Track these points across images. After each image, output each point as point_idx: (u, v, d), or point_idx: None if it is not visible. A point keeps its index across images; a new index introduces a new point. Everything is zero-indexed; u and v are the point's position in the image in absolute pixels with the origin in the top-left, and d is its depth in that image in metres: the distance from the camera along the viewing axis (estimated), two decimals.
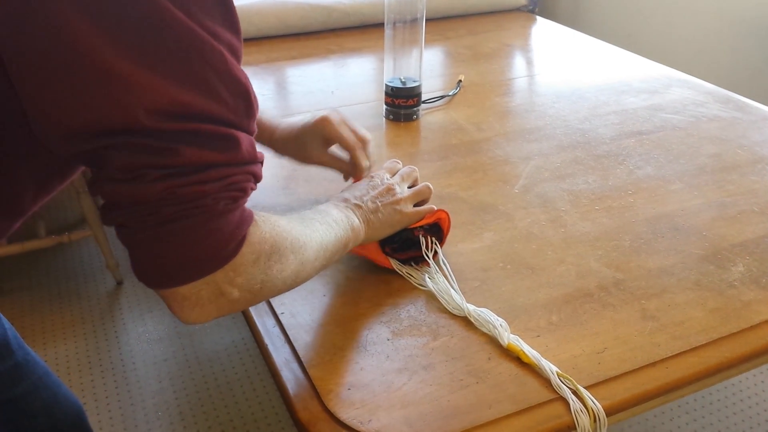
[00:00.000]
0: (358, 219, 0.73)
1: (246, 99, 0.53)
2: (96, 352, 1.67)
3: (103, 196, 0.52)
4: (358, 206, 0.74)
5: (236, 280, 0.54)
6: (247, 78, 0.53)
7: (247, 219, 0.55)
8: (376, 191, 0.77)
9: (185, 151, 0.49)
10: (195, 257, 0.52)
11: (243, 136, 0.53)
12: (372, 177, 0.80)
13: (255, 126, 0.55)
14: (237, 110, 0.52)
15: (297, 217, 0.66)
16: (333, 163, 0.87)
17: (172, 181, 0.50)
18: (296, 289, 0.74)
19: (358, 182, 0.80)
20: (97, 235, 1.84)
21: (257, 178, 0.56)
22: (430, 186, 0.82)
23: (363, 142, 0.86)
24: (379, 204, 0.76)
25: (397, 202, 0.77)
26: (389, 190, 0.78)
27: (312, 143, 0.86)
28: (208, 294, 0.53)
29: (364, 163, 0.84)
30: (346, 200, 0.75)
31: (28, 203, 0.62)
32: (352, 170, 0.86)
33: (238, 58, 0.53)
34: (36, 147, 0.55)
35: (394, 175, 0.82)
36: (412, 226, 0.78)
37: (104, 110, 0.48)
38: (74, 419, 0.89)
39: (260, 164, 0.57)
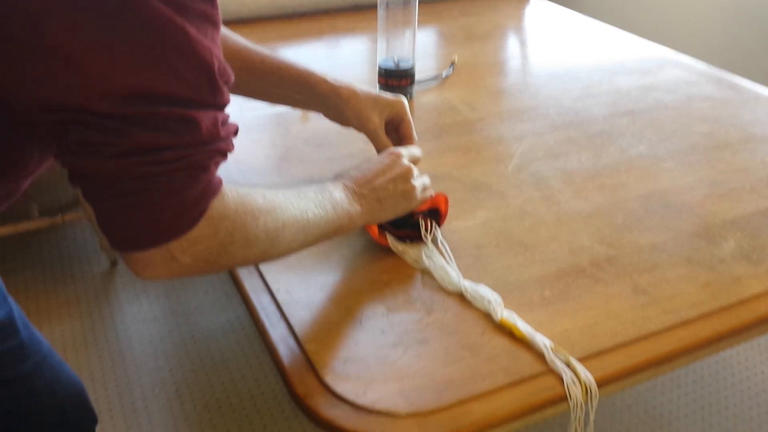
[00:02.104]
0: (360, 207, 0.72)
1: (209, 76, 0.52)
2: (92, 332, 1.67)
3: (62, 165, 0.54)
4: (363, 195, 0.73)
5: (190, 249, 0.55)
6: (211, 53, 0.52)
7: (210, 193, 0.55)
8: (392, 173, 0.75)
9: (139, 135, 0.50)
10: (148, 229, 0.53)
11: (204, 116, 0.53)
12: (391, 153, 0.78)
13: (224, 98, 0.55)
14: (199, 88, 0.52)
15: (293, 193, 0.66)
16: (383, 139, 0.86)
17: (126, 160, 0.50)
18: (291, 266, 0.76)
19: (377, 157, 0.78)
20: (90, 216, 1.83)
21: (225, 153, 0.57)
22: (429, 179, 0.82)
23: (408, 141, 0.88)
24: (390, 190, 0.75)
25: (411, 189, 0.76)
26: (405, 175, 0.76)
27: (380, 114, 0.85)
28: (160, 258, 0.55)
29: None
30: (355, 180, 0.74)
31: (34, 164, 0.63)
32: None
33: (213, 24, 0.52)
34: None
35: (410, 161, 0.80)
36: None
37: (58, 92, 0.48)
38: (76, 398, 0.90)
39: (230, 137, 0.57)
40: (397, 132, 0.88)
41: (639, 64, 1.36)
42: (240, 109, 1.13)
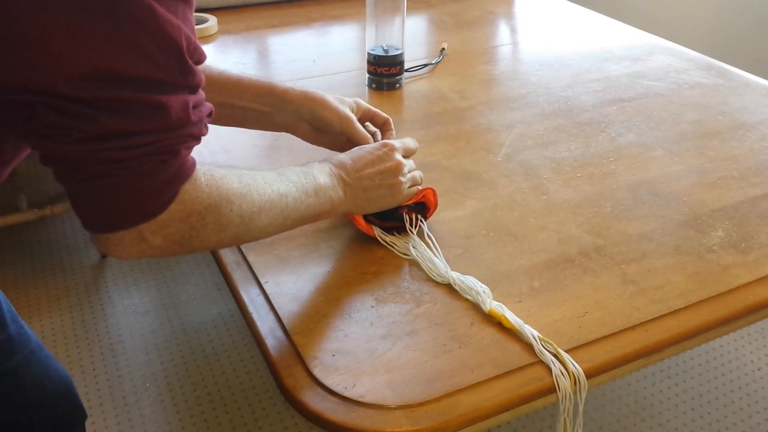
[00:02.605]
0: (344, 194, 0.72)
1: (178, 55, 0.52)
2: (82, 325, 1.67)
3: (31, 147, 0.54)
4: (348, 183, 0.72)
5: (160, 231, 0.55)
6: (180, 32, 0.51)
7: (181, 177, 0.55)
8: (382, 166, 0.75)
9: (107, 120, 0.50)
10: (118, 212, 0.53)
11: (174, 100, 0.52)
12: (385, 144, 0.77)
13: (196, 79, 0.54)
14: (168, 68, 0.51)
15: (274, 175, 0.66)
16: (367, 134, 0.84)
17: (94, 145, 0.50)
18: (280, 258, 0.75)
19: (368, 146, 0.77)
20: None
21: (197, 137, 0.56)
22: (422, 175, 0.81)
23: (386, 125, 0.86)
24: (377, 182, 0.74)
25: (398, 184, 0.75)
26: (395, 169, 0.75)
27: (341, 137, 0.84)
28: (130, 239, 0.55)
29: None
30: (343, 167, 0.73)
31: (10, 152, 0.62)
32: None
33: (184, 0, 0.52)
34: None
35: (404, 154, 0.79)
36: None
37: (25, 74, 0.48)
38: (65, 393, 0.89)
39: (202, 121, 0.56)
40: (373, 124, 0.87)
41: (628, 51, 1.35)
42: None
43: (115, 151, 0.51)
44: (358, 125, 0.83)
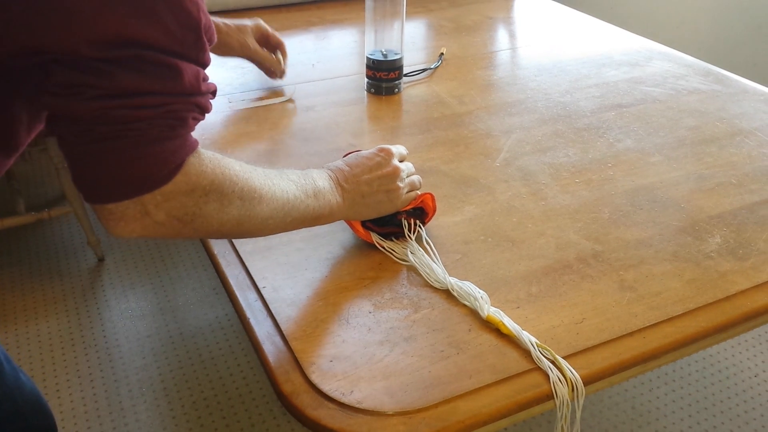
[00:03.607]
0: (342, 199, 0.72)
1: (196, 31, 0.53)
2: (78, 329, 1.66)
3: (43, 107, 0.53)
4: (346, 188, 0.72)
5: (164, 204, 0.55)
6: (199, 10, 0.53)
7: (188, 148, 0.55)
8: (380, 171, 0.75)
9: (122, 77, 0.50)
10: (124, 178, 0.53)
11: (187, 68, 0.53)
12: (382, 150, 0.77)
13: (207, 57, 0.55)
14: (184, 42, 0.52)
15: (276, 173, 0.66)
16: (264, 54, 1.15)
17: (107, 102, 0.51)
18: (278, 263, 0.75)
19: (365, 152, 0.78)
20: (77, 212, 1.82)
21: (203, 110, 0.57)
22: (420, 179, 0.82)
23: (282, 47, 1.17)
24: (375, 187, 0.74)
25: (396, 189, 0.76)
26: (392, 175, 0.75)
27: (251, 37, 1.14)
28: (133, 212, 0.54)
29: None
30: (341, 173, 0.73)
31: (23, 136, 0.63)
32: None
33: None
34: None
35: (400, 159, 0.79)
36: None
37: (47, 37, 0.49)
38: (35, 404, 0.87)
39: (209, 95, 0.57)
40: (267, 45, 1.15)
41: (627, 57, 1.36)
42: (228, 101, 1.12)
43: (126, 109, 0.51)
44: (258, 51, 1.12)
